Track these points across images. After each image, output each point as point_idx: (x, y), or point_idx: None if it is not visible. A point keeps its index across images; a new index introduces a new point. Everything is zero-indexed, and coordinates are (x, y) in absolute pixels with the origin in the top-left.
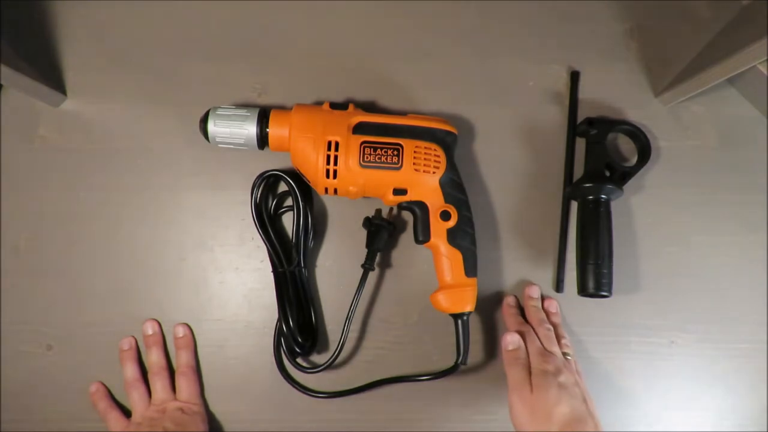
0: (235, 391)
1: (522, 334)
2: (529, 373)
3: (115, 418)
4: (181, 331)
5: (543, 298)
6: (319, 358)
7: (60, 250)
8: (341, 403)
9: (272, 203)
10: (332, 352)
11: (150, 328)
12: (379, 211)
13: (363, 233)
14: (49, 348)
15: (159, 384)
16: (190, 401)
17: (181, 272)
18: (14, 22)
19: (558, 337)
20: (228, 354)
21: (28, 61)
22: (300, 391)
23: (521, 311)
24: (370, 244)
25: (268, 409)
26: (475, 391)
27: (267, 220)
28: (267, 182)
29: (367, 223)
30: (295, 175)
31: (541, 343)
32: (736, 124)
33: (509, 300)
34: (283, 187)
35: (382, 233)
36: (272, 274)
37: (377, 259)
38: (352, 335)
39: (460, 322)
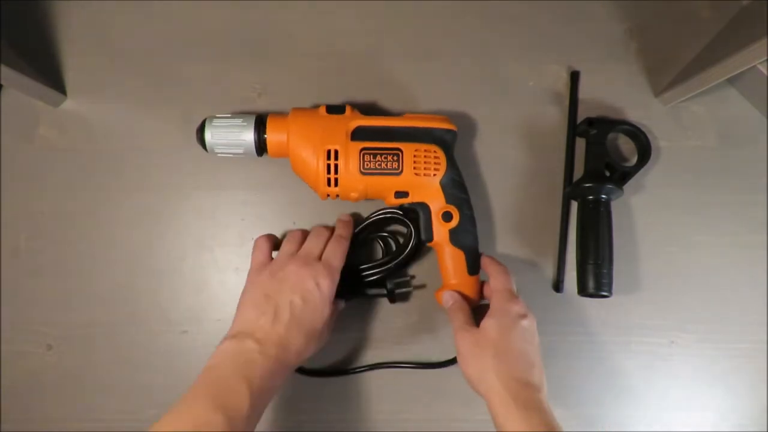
0: None
1: (498, 273)
2: (474, 316)
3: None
4: (346, 217)
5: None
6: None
7: (60, 250)
8: (340, 402)
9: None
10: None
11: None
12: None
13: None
14: (49, 348)
15: (314, 239)
16: (332, 266)
17: (181, 272)
18: (14, 22)
19: None
20: None
21: (28, 61)
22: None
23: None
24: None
25: (268, 409)
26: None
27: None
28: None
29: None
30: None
31: (510, 285)
32: (736, 124)
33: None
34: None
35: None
36: None
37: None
38: (352, 335)
39: None
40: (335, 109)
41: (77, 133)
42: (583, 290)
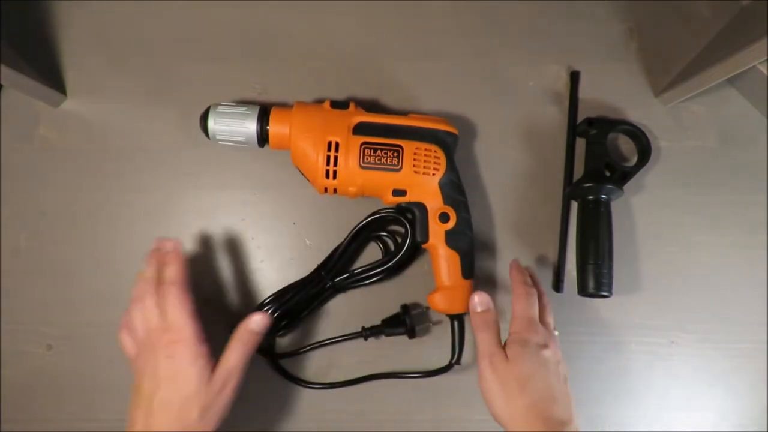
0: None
1: (520, 296)
2: (501, 339)
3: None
4: (170, 246)
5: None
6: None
7: (60, 250)
8: (340, 404)
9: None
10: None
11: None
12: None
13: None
14: (49, 348)
15: (142, 306)
16: (176, 325)
17: None
18: (14, 22)
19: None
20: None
21: (28, 61)
22: (293, 382)
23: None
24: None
25: (267, 409)
26: (475, 391)
27: (362, 234)
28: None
29: (403, 311)
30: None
31: (532, 312)
32: (736, 124)
33: (518, 262)
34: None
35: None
36: (313, 270)
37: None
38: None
39: (456, 322)
40: (339, 105)
41: (77, 133)
42: (583, 290)
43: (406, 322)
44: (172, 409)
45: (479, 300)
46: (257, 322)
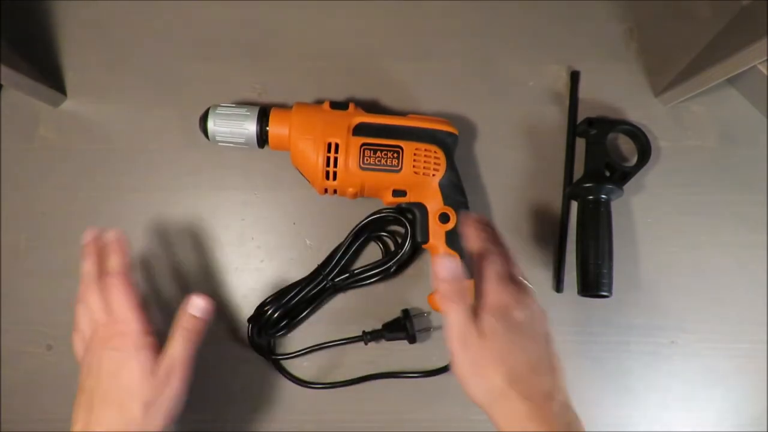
0: (235, 390)
1: (483, 256)
2: (473, 311)
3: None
4: (112, 235)
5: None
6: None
7: (60, 250)
8: (340, 403)
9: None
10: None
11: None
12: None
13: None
14: (49, 348)
15: (86, 303)
16: (122, 317)
17: (181, 272)
18: (14, 22)
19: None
20: (227, 354)
21: (28, 61)
22: (293, 382)
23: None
24: (389, 327)
25: (267, 409)
26: None
27: (362, 235)
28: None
29: (404, 316)
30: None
31: (500, 271)
32: (736, 124)
33: (471, 214)
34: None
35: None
36: (313, 270)
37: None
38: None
39: None
40: (339, 105)
41: (77, 133)
42: (583, 290)
43: (406, 327)
44: (113, 404)
45: (446, 265)
46: (196, 306)
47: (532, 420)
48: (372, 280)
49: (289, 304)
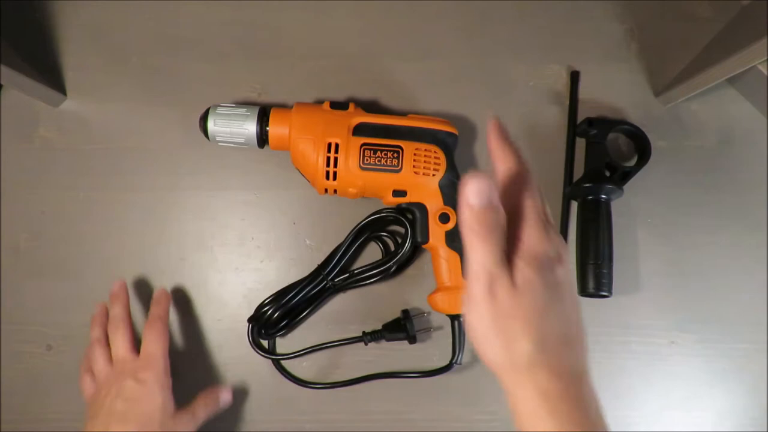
0: (235, 390)
1: (527, 185)
2: (507, 254)
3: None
4: (160, 293)
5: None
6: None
7: (60, 250)
8: (340, 403)
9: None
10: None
11: (116, 285)
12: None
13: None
14: (49, 348)
15: (115, 336)
16: (151, 357)
17: (181, 272)
18: (14, 22)
19: None
20: (227, 354)
21: (28, 61)
22: (293, 382)
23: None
24: (389, 327)
25: (267, 409)
26: (475, 391)
27: (362, 235)
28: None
29: (404, 316)
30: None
31: (544, 209)
32: (736, 124)
33: (495, 121)
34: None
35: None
36: (313, 270)
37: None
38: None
39: (456, 323)
40: (339, 105)
41: (77, 133)
42: (583, 290)
43: (406, 328)
44: (132, 424)
45: (478, 188)
46: (223, 398)
47: (564, 401)
48: (372, 280)
49: (289, 304)
